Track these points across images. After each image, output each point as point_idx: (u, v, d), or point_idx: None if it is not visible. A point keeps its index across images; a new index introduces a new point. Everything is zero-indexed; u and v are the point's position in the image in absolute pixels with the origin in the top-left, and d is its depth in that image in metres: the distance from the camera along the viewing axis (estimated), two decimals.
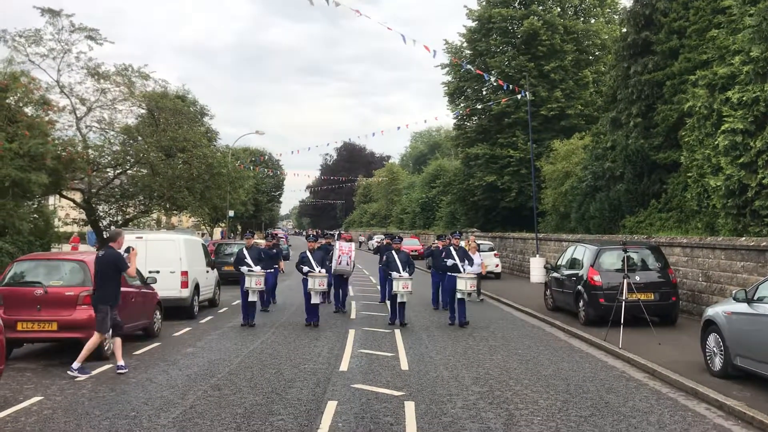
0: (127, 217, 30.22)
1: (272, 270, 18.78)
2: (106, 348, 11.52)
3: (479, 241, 25.79)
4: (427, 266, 33.33)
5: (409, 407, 8.34)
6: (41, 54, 26.52)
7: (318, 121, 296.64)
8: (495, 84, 38.51)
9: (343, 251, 17.81)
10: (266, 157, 59.26)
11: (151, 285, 14.24)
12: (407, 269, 15.69)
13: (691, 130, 19.48)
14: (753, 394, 8.68)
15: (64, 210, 31.18)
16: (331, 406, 8.34)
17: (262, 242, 23.15)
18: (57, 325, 11.08)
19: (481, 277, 21.50)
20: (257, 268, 15.82)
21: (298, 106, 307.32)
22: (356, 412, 8.16)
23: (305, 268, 15.63)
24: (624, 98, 26.46)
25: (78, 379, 9.93)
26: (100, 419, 7.80)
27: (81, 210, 29.31)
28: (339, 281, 18.58)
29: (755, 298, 9.10)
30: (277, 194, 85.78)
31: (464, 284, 15.33)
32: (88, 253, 15.10)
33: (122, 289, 12.45)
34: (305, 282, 15.66)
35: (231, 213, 48.85)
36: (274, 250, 19.81)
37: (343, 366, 10.93)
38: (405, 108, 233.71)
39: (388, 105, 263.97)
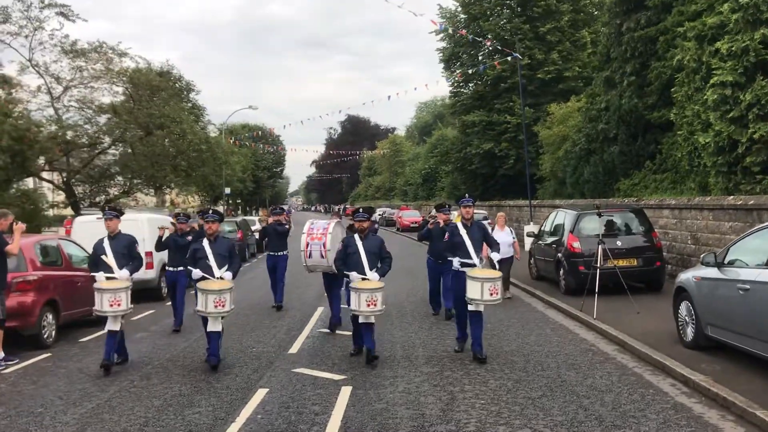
0: (109, 197, 29.56)
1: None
2: (45, 336, 10.95)
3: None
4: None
5: (345, 393, 7.65)
6: (11, 33, 25.79)
7: (322, 95, 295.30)
8: (490, 48, 37.33)
9: (313, 235, 11.76)
10: (259, 132, 57.99)
11: None
12: (381, 266, 9.37)
13: (681, 86, 18.45)
14: (723, 367, 7.90)
15: (48, 193, 30.67)
16: (259, 395, 7.66)
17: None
18: None
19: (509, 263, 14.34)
20: (122, 272, 9.50)
21: (302, 81, 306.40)
22: (284, 400, 7.47)
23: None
24: (617, 56, 25.28)
25: (4, 371, 9.31)
26: (0, 417, 7.17)
27: (60, 192, 28.73)
28: (329, 282, 11.88)
29: (725, 261, 8.26)
30: (279, 170, 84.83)
31: (478, 290, 9.10)
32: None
33: (66, 273, 11.98)
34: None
35: (227, 190, 48.22)
36: (189, 237, 12.44)
37: (294, 348, 10.26)
38: (410, 79, 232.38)
39: (392, 77, 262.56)
